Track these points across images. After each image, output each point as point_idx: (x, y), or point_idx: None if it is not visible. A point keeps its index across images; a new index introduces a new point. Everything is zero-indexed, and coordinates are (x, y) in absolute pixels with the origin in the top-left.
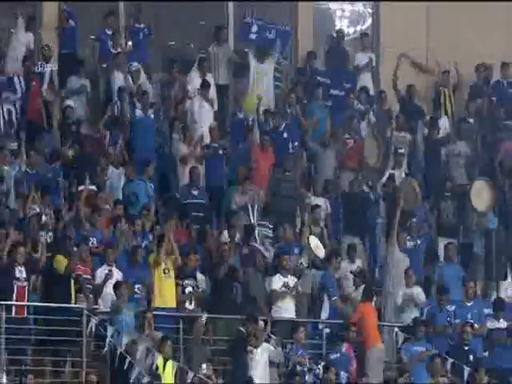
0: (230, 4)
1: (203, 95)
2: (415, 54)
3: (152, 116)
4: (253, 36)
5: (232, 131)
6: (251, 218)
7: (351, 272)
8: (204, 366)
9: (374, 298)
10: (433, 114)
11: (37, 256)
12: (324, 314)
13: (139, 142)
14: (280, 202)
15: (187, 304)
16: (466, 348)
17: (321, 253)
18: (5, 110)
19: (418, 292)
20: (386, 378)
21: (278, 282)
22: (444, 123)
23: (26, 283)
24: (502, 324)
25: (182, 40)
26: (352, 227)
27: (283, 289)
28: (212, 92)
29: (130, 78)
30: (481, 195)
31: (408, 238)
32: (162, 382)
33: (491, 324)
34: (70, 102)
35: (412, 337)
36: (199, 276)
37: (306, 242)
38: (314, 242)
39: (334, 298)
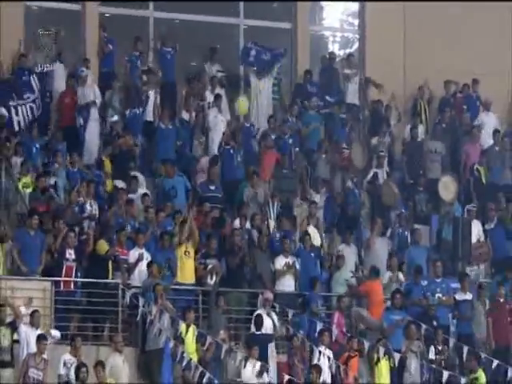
0: (241, 30)
1: (217, 106)
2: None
3: (171, 127)
4: (252, 58)
5: (242, 136)
6: (271, 212)
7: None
8: (222, 331)
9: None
10: (411, 121)
11: (82, 239)
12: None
13: (162, 147)
14: (280, 195)
15: (208, 279)
16: (430, 315)
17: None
18: (28, 108)
19: (399, 273)
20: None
21: (280, 261)
22: (407, 130)
23: (74, 263)
24: (468, 296)
25: (201, 60)
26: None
27: (285, 267)
28: (224, 104)
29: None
30: (447, 188)
31: (393, 227)
32: (185, 345)
33: (459, 296)
34: (116, 118)
35: (391, 306)
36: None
37: (303, 231)
38: (313, 231)
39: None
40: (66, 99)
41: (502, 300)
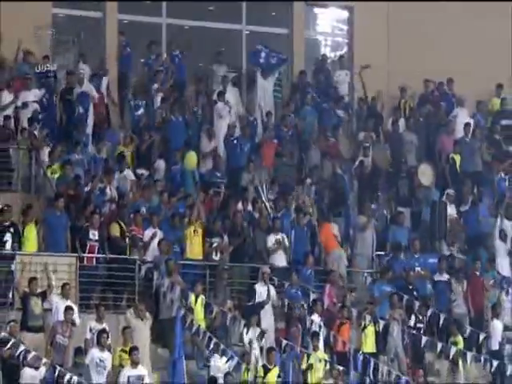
0: (244, 35)
1: (221, 102)
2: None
3: (181, 119)
4: (261, 60)
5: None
6: (263, 193)
7: None
8: (229, 301)
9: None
10: (393, 116)
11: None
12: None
13: (173, 138)
14: (279, 179)
15: (213, 255)
16: (411, 287)
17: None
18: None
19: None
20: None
21: (271, 238)
22: (389, 123)
23: (96, 243)
24: (444, 277)
25: (208, 61)
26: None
27: (275, 244)
28: (232, 100)
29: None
30: (425, 174)
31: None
32: (194, 313)
33: (437, 277)
34: (142, 111)
35: (381, 279)
36: (225, 236)
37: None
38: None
39: None
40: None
41: (477, 273)
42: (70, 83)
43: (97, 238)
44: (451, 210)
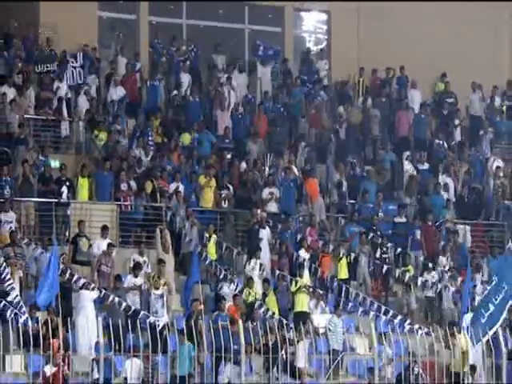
0: (246, 33)
1: (229, 83)
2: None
3: (197, 99)
4: (260, 53)
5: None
6: (266, 162)
7: None
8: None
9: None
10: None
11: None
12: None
13: (192, 113)
14: (273, 147)
15: (223, 203)
16: (375, 228)
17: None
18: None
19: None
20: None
21: (266, 191)
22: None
23: (130, 192)
24: (403, 219)
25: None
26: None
27: (269, 196)
28: (237, 82)
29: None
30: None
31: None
32: (208, 249)
33: (397, 219)
34: (175, 92)
35: (349, 220)
36: (231, 187)
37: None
38: (294, 168)
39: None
40: (128, 81)
41: (430, 223)
42: (114, 69)
43: (126, 187)
44: (409, 168)
